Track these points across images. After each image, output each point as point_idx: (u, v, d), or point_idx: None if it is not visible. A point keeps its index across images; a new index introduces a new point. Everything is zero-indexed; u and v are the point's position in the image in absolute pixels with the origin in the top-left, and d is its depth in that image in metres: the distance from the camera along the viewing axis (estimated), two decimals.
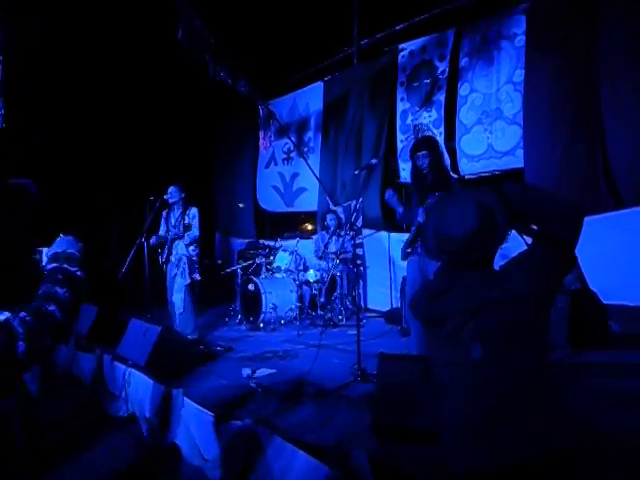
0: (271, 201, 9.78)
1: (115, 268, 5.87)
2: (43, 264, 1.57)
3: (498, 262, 1.86)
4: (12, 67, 6.25)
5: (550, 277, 1.73)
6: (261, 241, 8.82)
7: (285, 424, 3.22)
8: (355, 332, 4.23)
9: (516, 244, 1.85)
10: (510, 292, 1.69)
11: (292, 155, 9.25)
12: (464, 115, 6.70)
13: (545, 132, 5.80)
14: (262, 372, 4.40)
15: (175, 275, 5.91)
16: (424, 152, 4.23)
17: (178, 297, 5.89)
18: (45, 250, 1.61)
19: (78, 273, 1.50)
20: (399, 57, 7.43)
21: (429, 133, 7.03)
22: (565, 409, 1.73)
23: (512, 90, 6.21)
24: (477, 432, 1.69)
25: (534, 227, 1.81)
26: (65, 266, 1.49)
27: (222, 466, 3.39)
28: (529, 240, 1.84)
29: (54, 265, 1.49)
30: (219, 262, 9.41)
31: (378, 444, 2.72)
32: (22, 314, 1.32)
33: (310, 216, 9.38)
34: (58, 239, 1.60)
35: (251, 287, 6.74)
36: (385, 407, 2.76)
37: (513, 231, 1.84)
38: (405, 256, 4.32)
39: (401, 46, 7.38)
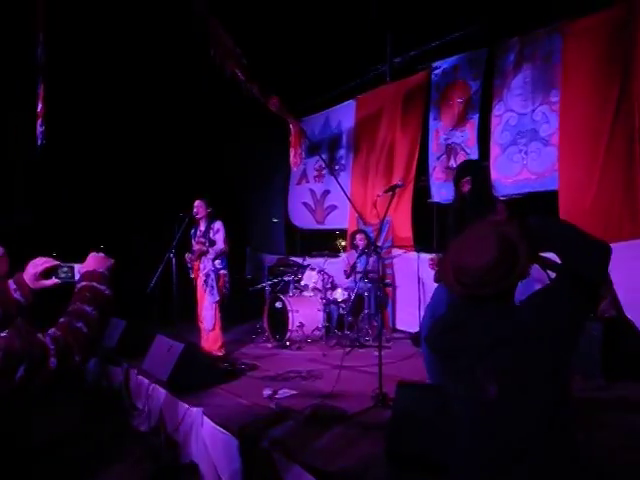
0: (302, 218, 9.78)
1: (144, 283, 5.92)
2: (75, 280, 1.64)
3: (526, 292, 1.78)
4: (52, 86, 6.42)
5: (572, 314, 1.64)
6: (291, 258, 8.80)
7: (303, 450, 3.16)
8: (382, 353, 4.16)
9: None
10: (528, 328, 1.62)
11: (324, 172, 9.24)
12: (498, 135, 6.57)
13: (581, 154, 5.65)
14: (283, 393, 4.35)
15: (205, 291, 5.93)
16: (467, 178, 4.12)
17: (208, 314, 5.90)
18: (77, 267, 1.66)
19: (106, 292, 1.55)
20: (432, 75, 7.36)
21: (462, 153, 6.95)
22: (580, 448, 1.65)
23: (548, 110, 6.07)
24: (491, 471, 1.62)
25: (558, 262, 1.73)
26: (94, 284, 1.54)
27: None
28: (552, 274, 1.77)
29: (84, 283, 1.55)
30: (249, 277, 9.42)
31: (392, 475, 2.64)
32: (52, 331, 1.37)
33: (341, 234, 9.35)
34: (89, 257, 1.65)
35: (278, 305, 6.73)
36: (401, 437, 2.68)
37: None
38: (439, 279, 4.23)
39: (434, 64, 7.31)
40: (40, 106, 6.55)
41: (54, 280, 1.68)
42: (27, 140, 6.42)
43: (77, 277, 1.64)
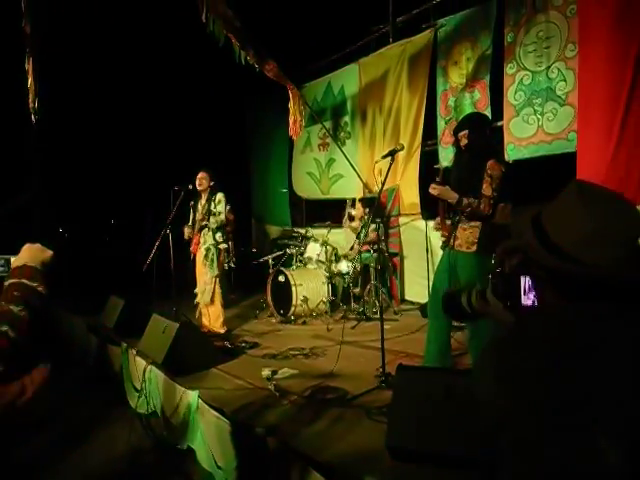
0: (306, 188, 9.52)
1: (142, 260, 5.76)
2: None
3: None
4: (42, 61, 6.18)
5: None
6: (295, 229, 8.58)
7: (300, 434, 3.02)
8: (389, 326, 3.96)
9: None
10: None
11: (328, 140, 8.93)
12: (512, 96, 6.20)
13: (600, 114, 5.28)
14: (283, 373, 4.19)
15: (205, 265, 5.75)
16: (464, 131, 3.91)
17: (207, 289, 5.74)
18: (13, 259, 1.47)
19: (38, 289, 1.37)
20: (438, 34, 6.97)
21: None
22: None
23: (564, 67, 5.68)
24: None
25: None
26: (24, 281, 1.36)
27: (234, 476, 3.21)
28: None
29: (12, 280, 1.37)
30: (254, 250, 9.25)
31: (393, 465, 2.44)
32: None
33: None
34: (23, 249, 1.46)
35: (282, 279, 6.53)
36: (402, 426, 2.47)
37: None
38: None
39: (440, 21, 6.90)
40: (30, 81, 6.31)
41: None
42: (21, 116, 6.22)
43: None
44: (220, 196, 5.75)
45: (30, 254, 1.43)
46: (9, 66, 6.34)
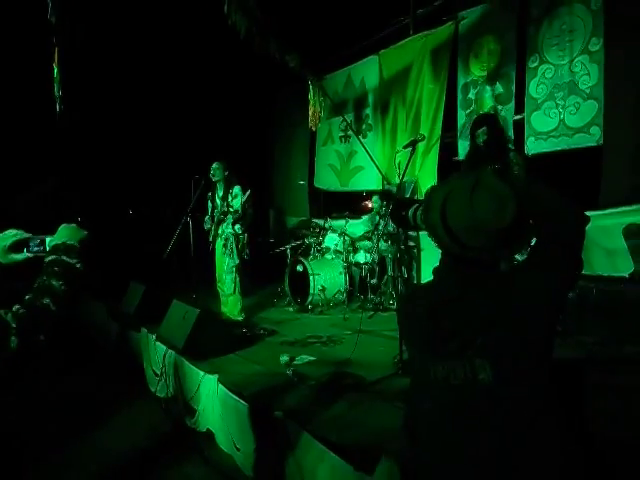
0: (326, 180, 9.51)
1: (164, 247, 5.85)
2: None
3: None
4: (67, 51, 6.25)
5: (557, 285, 1.47)
6: (314, 220, 8.62)
7: (317, 418, 3.06)
8: None
9: None
10: (525, 303, 1.43)
11: (349, 133, 8.92)
12: (533, 89, 6.15)
13: (627, 107, 5.25)
14: (301, 359, 4.25)
15: (224, 254, 5.83)
16: (483, 129, 4.09)
17: (228, 278, 5.82)
18: (48, 239, 1.55)
19: (77, 265, 1.46)
20: (459, 26, 6.93)
21: (493, 108, 6.58)
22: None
23: (588, 61, 5.63)
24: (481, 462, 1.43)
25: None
26: (63, 258, 1.45)
27: (253, 457, 3.28)
28: None
29: (52, 257, 1.45)
30: (272, 240, 9.30)
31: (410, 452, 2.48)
32: (16, 307, 1.28)
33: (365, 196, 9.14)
34: (60, 228, 1.54)
35: (299, 268, 6.60)
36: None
37: None
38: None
39: (461, 14, 6.85)
40: (56, 70, 6.40)
41: (25, 254, 1.56)
42: (45, 106, 6.29)
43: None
44: (237, 190, 5.80)
45: (68, 233, 1.51)
46: (33, 56, 6.45)
